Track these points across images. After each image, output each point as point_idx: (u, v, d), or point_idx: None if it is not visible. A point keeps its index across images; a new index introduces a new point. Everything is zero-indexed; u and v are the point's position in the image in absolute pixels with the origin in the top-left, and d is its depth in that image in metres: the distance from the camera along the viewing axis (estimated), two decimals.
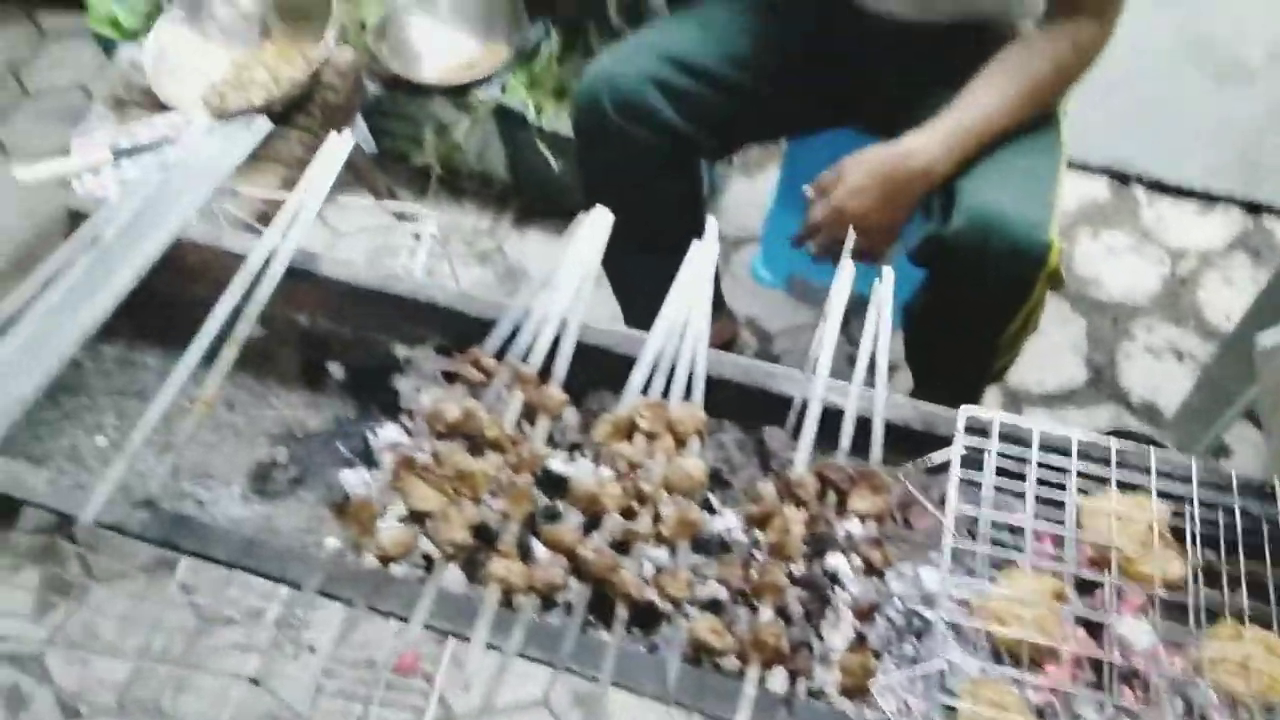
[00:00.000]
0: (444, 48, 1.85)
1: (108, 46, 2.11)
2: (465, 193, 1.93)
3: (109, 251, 0.96)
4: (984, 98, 1.05)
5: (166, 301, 0.98)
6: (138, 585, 1.38)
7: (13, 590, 1.47)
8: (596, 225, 0.97)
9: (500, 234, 1.90)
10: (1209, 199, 1.97)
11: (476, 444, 0.84)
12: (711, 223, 0.96)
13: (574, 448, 0.91)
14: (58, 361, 0.89)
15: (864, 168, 1.07)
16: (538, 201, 1.90)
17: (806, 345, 1.72)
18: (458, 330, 0.97)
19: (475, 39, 1.84)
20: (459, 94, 1.77)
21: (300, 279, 0.97)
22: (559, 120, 1.70)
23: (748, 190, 1.96)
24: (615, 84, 1.15)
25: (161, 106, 1.61)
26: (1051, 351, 1.77)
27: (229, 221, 1.06)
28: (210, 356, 0.87)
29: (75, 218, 1.06)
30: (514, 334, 0.90)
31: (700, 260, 0.94)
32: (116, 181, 1.29)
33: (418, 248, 1.17)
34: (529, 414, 0.87)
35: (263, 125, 1.04)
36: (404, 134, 1.88)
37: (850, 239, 0.96)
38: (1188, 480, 0.78)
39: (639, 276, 1.16)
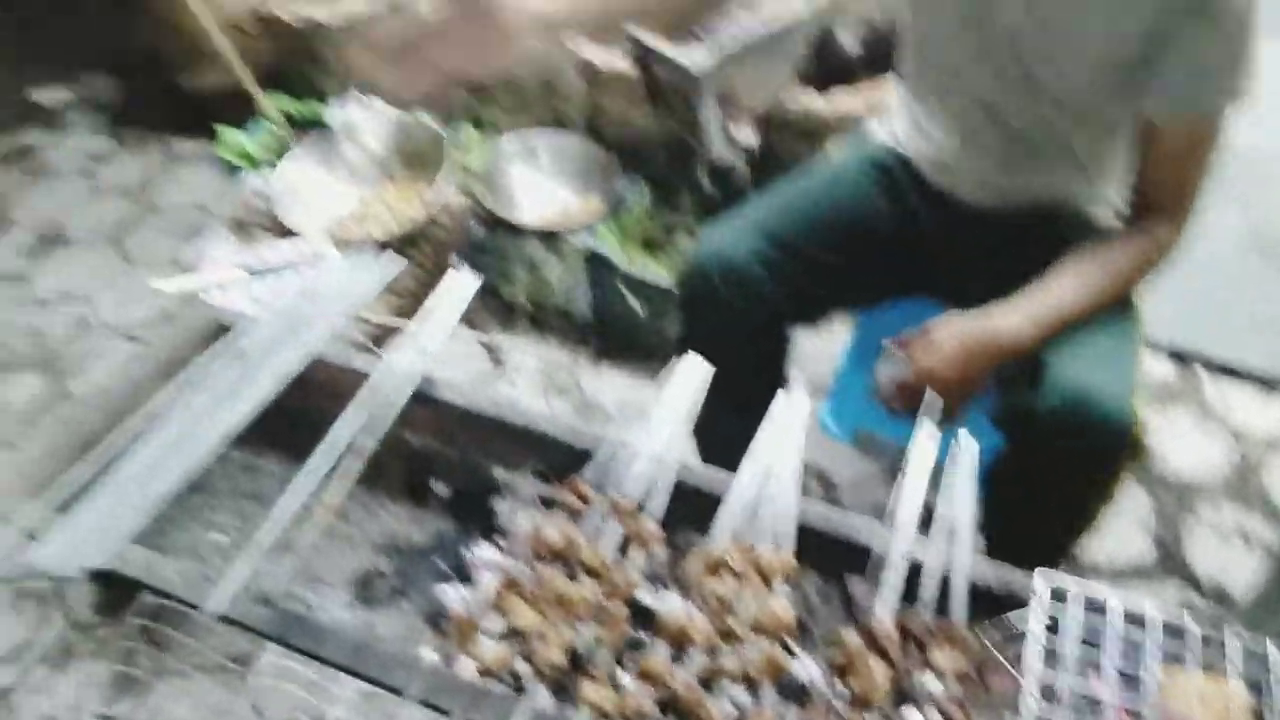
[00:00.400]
0: (542, 196, 2.00)
1: (232, 172, 2.32)
2: (548, 327, 2.04)
3: (251, 364, 1.06)
4: (1069, 285, 1.13)
5: (292, 413, 1.07)
6: (206, 682, 1.41)
7: (82, 677, 1.51)
8: (692, 372, 1.05)
9: (578, 369, 1.99)
10: (1270, 385, 2.01)
11: (571, 569, 0.89)
12: (798, 377, 1.03)
13: (655, 580, 0.95)
14: (197, 462, 0.97)
15: (952, 335, 1.14)
16: (616, 341, 2.00)
17: (871, 497, 1.76)
18: (554, 458, 1.04)
19: (572, 191, 2.00)
20: (552, 238, 1.90)
21: (417, 400, 1.05)
22: (645, 269, 1.82)
23: (814, 344, 2.04)
24: (725, 259, 1.26)
25: (283, 232, 1.76)
26: (1118, 527, 1.77)
27: (349, 342, 1.15)
28: (329, 467, 0.94)
29: (220, 330, 1.17)
30: (604, 465, 0.96)
31: (789, 412, 1.01)
32: (245, 298, 1.40)
33: (517, 378, 1.26)
34: (622, 544, 0.92)
35: (396, 262, 1.15)
36: (497, 269, 2.01)
37: (932, 400, 1.02)
38: (1264, 662, 0.80)
39: (721, 423, 1.23)
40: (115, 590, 1.21)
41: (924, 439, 0.96)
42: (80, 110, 2.86)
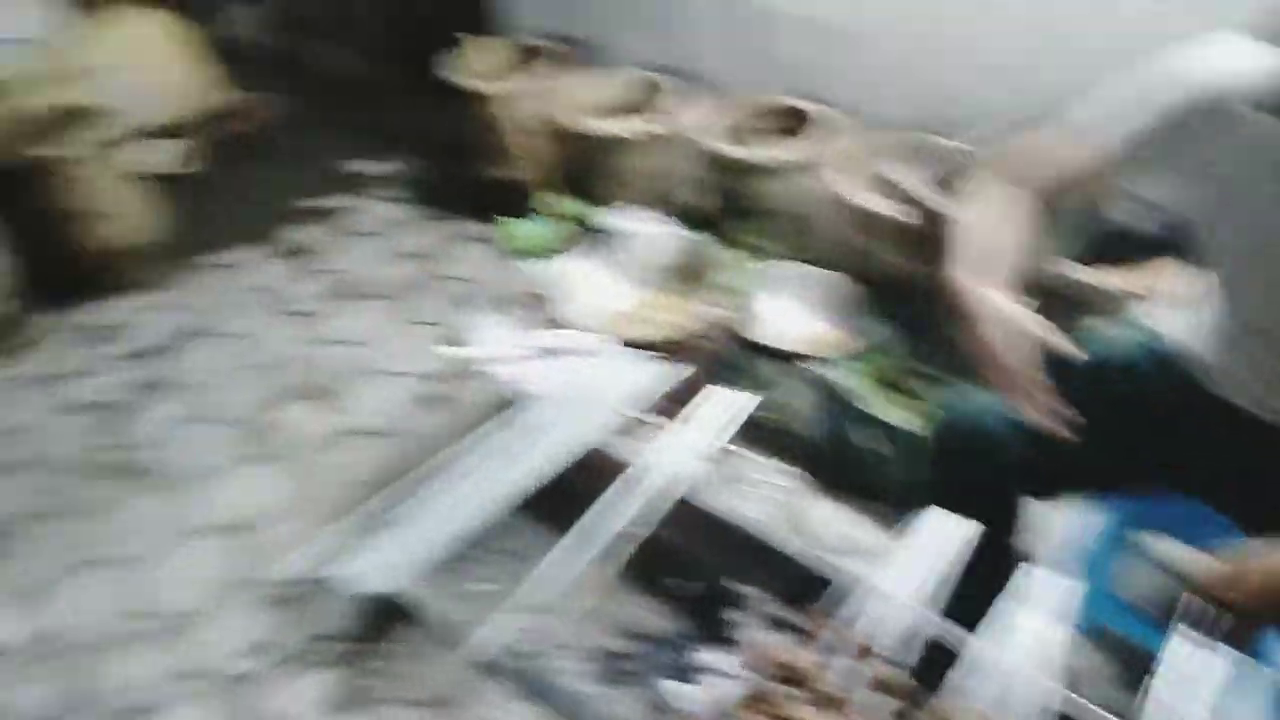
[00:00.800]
0: (793, 323, 2.08)
1: (511, 257, 2.56)
2: (780, 449, 2.07)
3: (533, 439, 1.18)
4: None
5: (562, 488, 1.17)
6: (421, 714, 1.52)
7: (311, 685, 1.66)
8: (947, 526, 1.07)
9: (804, 495, 2.01)
10: None
11: (802, 695, 0.92)
12: (1046, 553, 1.02)
13: None
14: (480, 519, 1.09)
15: (1265, 570, 1.07)
16: (845, 476, 2.01)
17: (1100, 692, 1.65)
18: (791, 580, 1.08)
19: (822, 322, 2.07)
20: (797, 364, 1.97)
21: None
22: (886, 410, 1.84)
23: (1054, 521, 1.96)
24: (977, 420, 1.28)
25: (555, 321, 1.94)
26: None
27: (621, 433, 1.25)
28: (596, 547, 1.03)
29: (503, 402, 1.30)
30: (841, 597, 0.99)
31: (1041, 588, 1.00)
32: (525, 376, 1.55)
33: (746, 493, 1.31)
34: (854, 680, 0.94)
35: (675, 368, 1.26)
36: (742, 386, 2.08)
37: (1200, 613, 0.98)
38: None
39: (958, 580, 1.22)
40: (377, 615, 1.35)
41: (1182, 648, 0.93)
42: (387, 183, 3.28)
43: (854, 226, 2.11)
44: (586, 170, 2.63)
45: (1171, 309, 1.39)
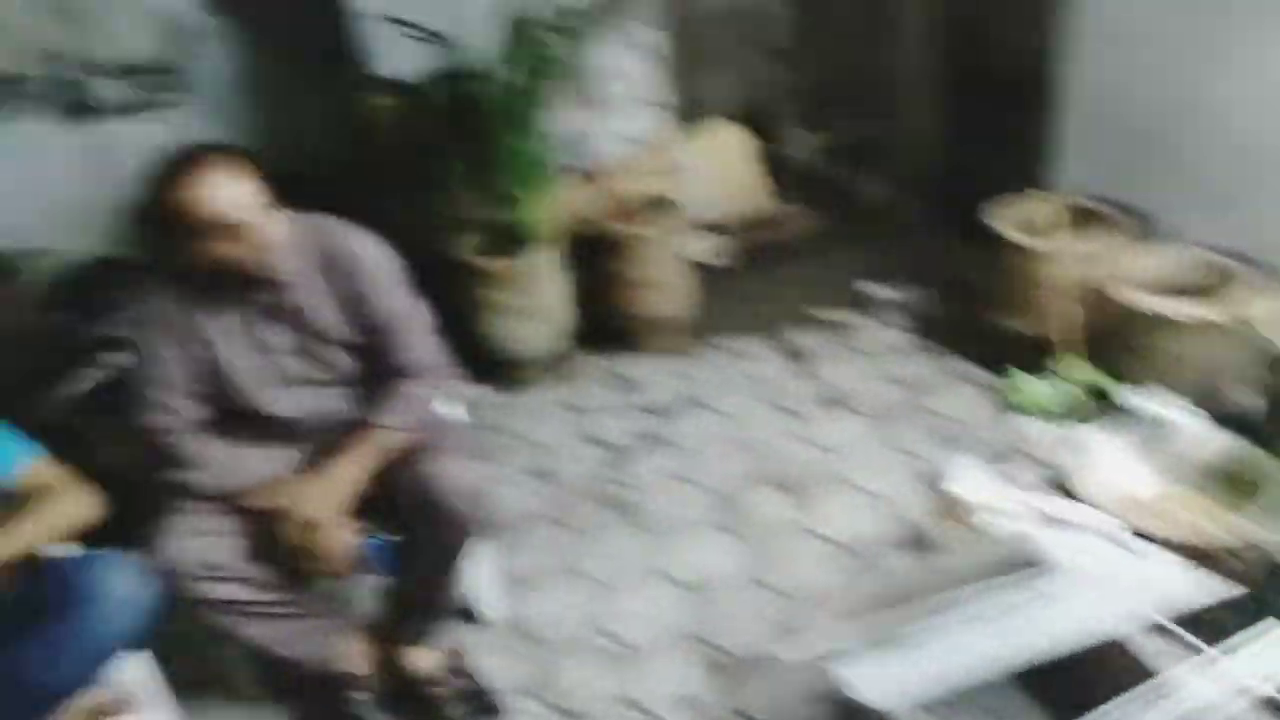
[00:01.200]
0: None
1: (1009, 410, 2.48)
2: None
3: (1049, 611, 1.12)
4: None
5: (1063, 668, 1.10)
6: None
7: None
8: None
9: None
10: None
11: None
12: None
13: None
14: (980, 671, 1.06)
15: None
16: None
17: None
18: None
19: None
20: None
21: None
22: None
23: None
24: None
25: (1056, 486, 1.83)
26: None
27: (1150, 638, 1.14)
28: None
29: (1015, 559, 1.26)
30: None
31: None
32: (1026, 536, 1.49)
33: None
34: None
35: (1227, 587, 1.12)
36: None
37: None
38: None
39: None
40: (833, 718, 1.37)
41: None
42: (892, 309, 3.37)
43: None
44: (1120, 343, 2.46)
45: None
